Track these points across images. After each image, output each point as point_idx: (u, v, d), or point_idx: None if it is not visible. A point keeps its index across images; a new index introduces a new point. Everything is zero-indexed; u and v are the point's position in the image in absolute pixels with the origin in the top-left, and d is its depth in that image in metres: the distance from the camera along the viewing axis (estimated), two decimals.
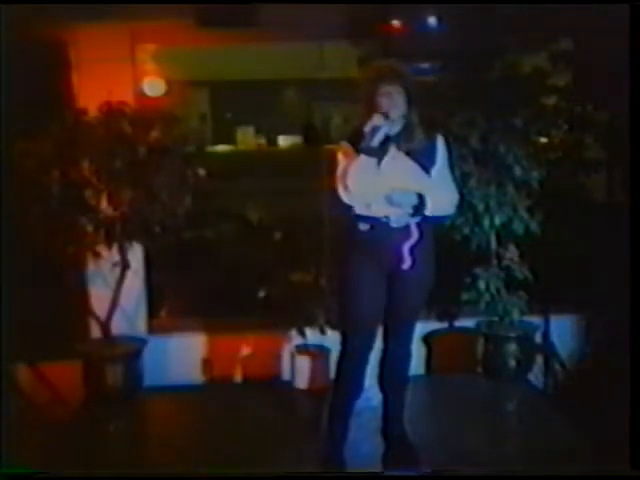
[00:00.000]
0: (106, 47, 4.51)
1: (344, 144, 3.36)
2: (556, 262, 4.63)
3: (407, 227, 3.31)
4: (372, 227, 3.31)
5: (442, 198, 3.37)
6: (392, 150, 3.31)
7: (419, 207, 3.27)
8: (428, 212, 3.30)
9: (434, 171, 3.35)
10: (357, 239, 3.36)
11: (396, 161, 3.30)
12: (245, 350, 4.92)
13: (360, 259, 3.36)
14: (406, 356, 3.58)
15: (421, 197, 3.27)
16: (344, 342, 3.47)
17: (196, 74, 7.03)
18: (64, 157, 4.13)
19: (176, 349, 4.87)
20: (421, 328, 4.81)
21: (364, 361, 3.47)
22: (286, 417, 4.20)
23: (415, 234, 3.32)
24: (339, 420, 3.55)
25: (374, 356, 3.53)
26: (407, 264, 3.33)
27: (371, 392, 3.70)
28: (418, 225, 3.33)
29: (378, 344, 3.52)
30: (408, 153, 3.32)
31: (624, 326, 3.68)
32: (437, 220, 3.42)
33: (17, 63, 3.97)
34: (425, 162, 3.33)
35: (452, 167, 3.50)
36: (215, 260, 5.91)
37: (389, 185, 3.25)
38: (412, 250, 3.32)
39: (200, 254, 5.83)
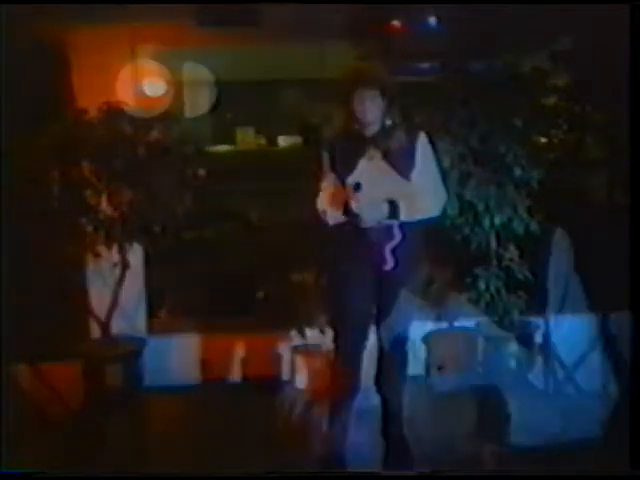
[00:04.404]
0: (106, 47, 4.52)
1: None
2: (556, 262, 4.63)
3: (389, 228, 3.31)
4: (349, 228, 3.32)
5: (424, 201, 3.37)
6: (370, 152, 3.33)
7: (392, 213, 3.28)
8: (403, 217, 3.30)
9: (414, 174, 3.35)
10: (339, 239, 3.39)
11: (372, 166, 3.32)
12: (244, 350, 4.92)
13: (344, 259, 3.39)
14: (401, 357, 3.57)
15: (393, 203, 3.27)
16: (336, 340, 3.50)
17: (196, 74, 7.03)
18: (64, 157, 4.13)
19: (176, 349, 4.87)
20: (421, 328, 4.83)
21: (357, 358, 3.48)
22: (286, 417, 4.20)
23: (397, 236, 3.33)
24: (338, 420, 3.56)
25: (371, 358, 3.53)
26: (389, 265, 3.34)
27: (371, 392, 3.70)
28: (400, 227, 3.33)
29: (374, 345, 3.53)
30: (385, 155, 3.32)
31: (624, 326, 3.68)
32: (422, 223, 3.42)
33: (17, 63, 3.97)
34: (402, 166, 3.33)
35: (439, 165, 3.49)
36: (215, 260, 5.90)
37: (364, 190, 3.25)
38: (395, 251, 3.33)
39: (200, 254, 5.82)
